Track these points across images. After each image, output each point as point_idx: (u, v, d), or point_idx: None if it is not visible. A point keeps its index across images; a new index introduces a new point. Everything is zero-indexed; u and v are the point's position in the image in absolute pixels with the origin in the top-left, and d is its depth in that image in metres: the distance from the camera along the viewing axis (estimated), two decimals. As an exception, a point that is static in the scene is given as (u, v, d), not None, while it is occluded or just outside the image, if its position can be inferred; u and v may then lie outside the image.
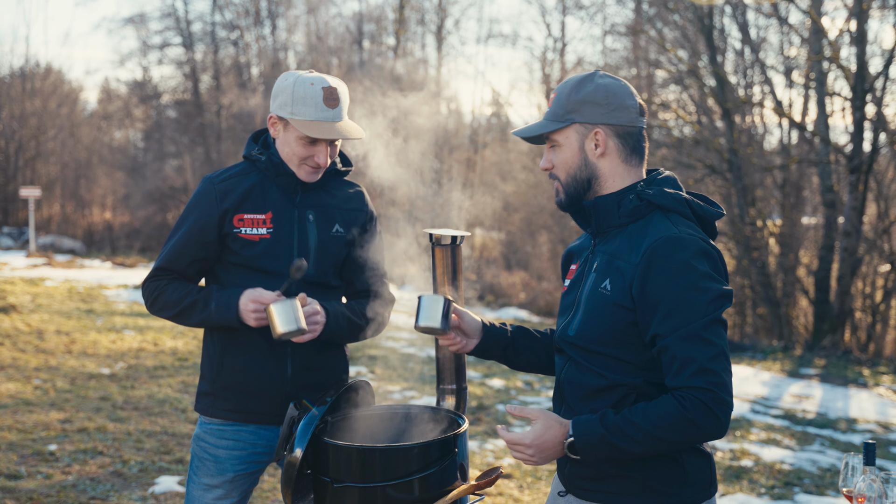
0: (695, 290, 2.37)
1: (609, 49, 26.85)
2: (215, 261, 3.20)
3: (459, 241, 2.95)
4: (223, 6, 32.83)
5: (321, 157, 3.12)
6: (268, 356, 3.17)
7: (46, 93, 33.43)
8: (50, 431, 7.10)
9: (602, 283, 2.49)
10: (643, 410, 2.37)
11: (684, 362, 2.34)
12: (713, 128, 17.45)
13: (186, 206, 3.22)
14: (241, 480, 3.25)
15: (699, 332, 2.35)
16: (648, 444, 2.37)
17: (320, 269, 3.21)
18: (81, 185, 33.48)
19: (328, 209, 3.25)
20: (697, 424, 2.33)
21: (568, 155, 2.55)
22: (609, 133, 2.52)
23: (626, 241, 2.49)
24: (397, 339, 13.11)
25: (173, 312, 3.14)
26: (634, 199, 2.51)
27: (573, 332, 2.54)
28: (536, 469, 6.80)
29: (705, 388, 2.33)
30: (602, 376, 2.49)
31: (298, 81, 3.08)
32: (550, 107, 2.59)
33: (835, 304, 15.73)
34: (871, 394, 11.26)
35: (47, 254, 24.77)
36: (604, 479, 2.52)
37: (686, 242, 2.40)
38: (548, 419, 2.43)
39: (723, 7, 17.51)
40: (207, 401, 3.25)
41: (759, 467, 7.36)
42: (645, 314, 2.40)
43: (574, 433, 2.40)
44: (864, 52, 15.25)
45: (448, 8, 31.05)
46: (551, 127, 2.55)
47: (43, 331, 11.94)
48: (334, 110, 3.09)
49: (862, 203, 15.49)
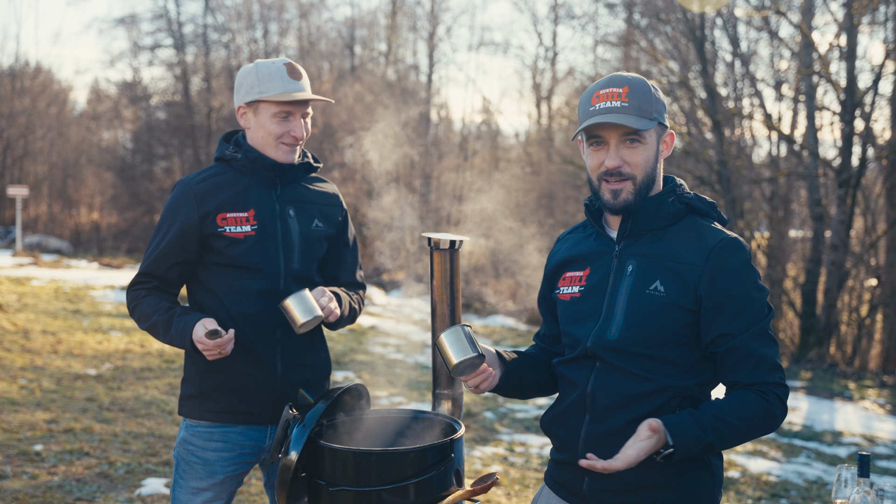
0: (757, 289, 2.46)
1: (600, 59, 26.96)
2: (197, 264, 3.20)
3: (458, 245, 2.95)
4: (215, 9, 32.78)
5: (297, 130, 3.18)
6: (257, 356, 3.17)
7: (36, 92, 33.27)
8: (36, 431, 7.05)
9: (650, 285, 2.47)
10: (729, 407, 2.40)
11: (760, 359, 2.42)
12: (703, 139, 17.51)
13: (164, 211, 3.23)
14: (229, 482, 3.25)
15: (766, 330, 2.44)
16: (734, 440, 2.41)
17: (304, 263, 3.24)
18: (69, 185, 33.33)
19: (306, 204, 3.29)
20: (776, 417, 2.42)
21: (650, 154, 2.51)
22: (674, 136, 2.60)
23: (678, 243, 2.49)
24: (385, 346, 13.08)
25: (145, 327, 3.17)
26: (675, 201, 2.54)
27: (615, 335, 2.48)
28: (524, 476, 6.80)
29: (781, 384, 2.44)
30: (647, 380, 2.45)
31: (259, 64, 3.18)
32: (629, 102, 2.45)
33: (821, 318, 15.79)
34: (856, 407, 11.30)
35: (34, 253, 24.64)
36: (636, 491, 2.47)
37: (741, 244, 2.48)
38: (657, 432, 2.34)
39: (714, 19, 17.59)
40: (194, 403, 3.23)
41: (746, 479, 7.37)
42: (711, 314, 2.43)
43: (675, 442, 2.33)
44: (853, 66, 15.33)
45: (440, 15, 31.09)
46: (649, 125, 2.47)
47: (29, 330, 11.87)
48: (299, 82, 3.17)
49: (850, 217, 15.56)
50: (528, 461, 7.31)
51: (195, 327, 2.97)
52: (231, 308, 3.15)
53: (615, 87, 2.49)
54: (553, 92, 29.95)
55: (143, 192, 32.32)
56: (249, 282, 3.13)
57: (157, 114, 34.83)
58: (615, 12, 24.07)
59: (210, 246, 3.16)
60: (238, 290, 3.15)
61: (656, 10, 18.19)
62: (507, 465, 7.14)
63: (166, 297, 3.20)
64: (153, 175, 33.20)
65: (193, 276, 3.23)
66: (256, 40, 32.52)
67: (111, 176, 34.00)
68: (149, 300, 3.16)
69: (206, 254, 3.17)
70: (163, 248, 3.16)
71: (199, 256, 3.18)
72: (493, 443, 7.84)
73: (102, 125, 36.03)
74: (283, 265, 3.18)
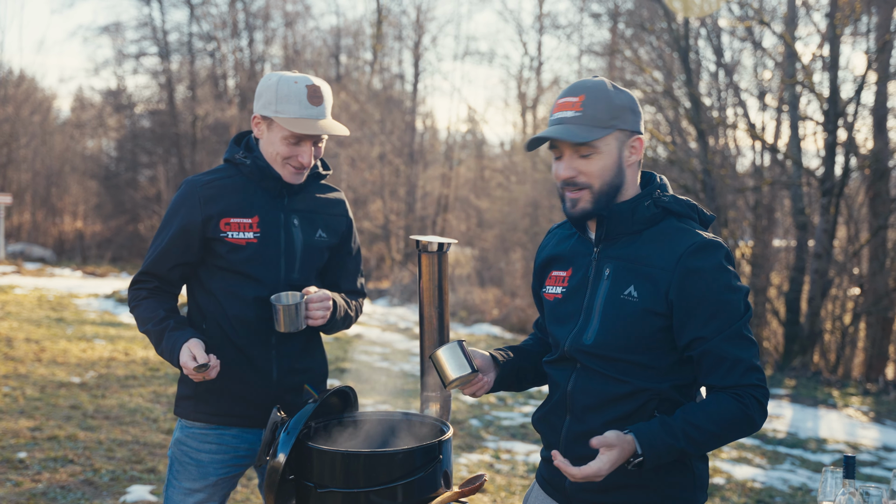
0: (731, 290, 2.42)
1: (585, 69, 27.06)
2: (198, 264, 3.19)
3: (446, 248, 2.96)
4: (200, 17, 32.76)
5: (305, 157, 3.12)
6: (253, 360, 3.16)
7: (19, 100, 33.11)
8: (19, 439, 7.01)
9: (624, 290, 2.47)
10: (703, 412, 2.39)
11: (735, 362, 2.39)
12: (687, 148, 17.59)
13: (168, 208, 3.20)
14: (222, 484, 3.24)
15: (741, 331, 2.41)
16: (709, 444, 2.40)
17: (304, 273, 3.22)
18: (53, 194, 33.16)
19: (311, 214, 3.26)
20: (753, 420, 2.40)
21: (608, 162, 2.48)
22: (642, 140, 2.54)
23: (652, 248, 2.48)
24: (370, 353, 13.07)
25: (141, 331, 3.17)
26: (651, 205, 2.52)
27: (590, 340, 2.49)
28: (510, 483, 6.80)
29: (758, 385, 2.41)
30: (624, 382, 2.47)
31: (282, 80, 3.09)
32: (583, 111, 2.46)
33: (805, 326, 15.87)
34: (840, 414, 11.35)
35: (17, 262, 24.51)
36: (615, 490, 2.50)
37: (716, 245, 2.45)
38: (621, 443, 2.35)
39: (698, 30, 17.70)
40: (189, 404, 3.22)
41: (731, 485, 7.39)
42: (683, 318, 2.42)
43: (643, 450, 2.34)
44: (836, 77, 15.45)
45: (425, 24, 31.14)
46: (600, 134, 2.44)
47: (12, 338, 11.80)
48: (318, 108, 3.09)
49: (833, 226, 15.66)
50: (514, 468, 7.31)
51: (182, 350, 2.96)
52: (228, 311, 3.14)
53: (572, 97, 2.50)
54: (538, 101, 30.05)
55: (127, 200, 32.23)
56: (248, 288, 3.13)
57: (142, 122, 34.78)
58: (600, 22, 24.21)
59: (212, 249, 3.15)
60: (236, 295, 3.14)
61: (641, 21, 18.29)
62: (493, 472, 7.14)
63: (165, 300, 3.19)
64: (137, 183, 33.11)
65: (194, 276, 3.22)
66: (242, 49, 32.53)
67: (95, 184, 33.88)
68: (147, 304, 3.16)
69: (208, 256, 3.16)
70: (164, 247, 3.15)
71: (201, 258, 3.17)
72: (479, 450, 7.84)
73: (86, 133, 35.89)
74: (284, 275, 3.17)
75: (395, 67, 31.57)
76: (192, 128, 31.64)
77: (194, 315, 3.24)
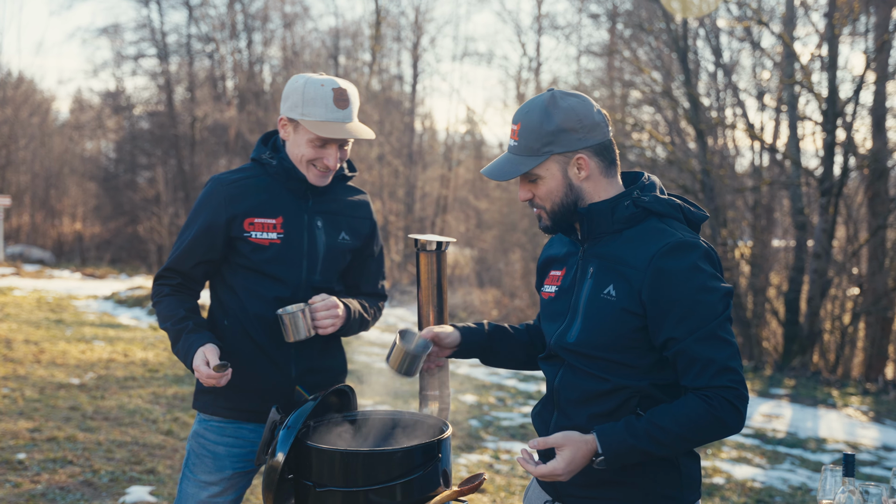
0: (705, 290, 2.39)
1: (584, 69, 27.07)
2: (222, 262, 3.20)
3: (444, 246, 2.96)
4: (199, 19, 32.78)
5: (331, 160, 3.11)
6: (272, 358, 3.17)
7: (18, 102, 33.14)
8: (18, 440, 7.00)
9: (604, 288, 2.48)
10: (669, 413, 2.38)
11: (706, 363, 2.37)
12: (686, 149, 17.60)
13: (194, 206, 3.21)
14: (238, 478, 3.25)
15: (715, 332, 2.38)
16: (676, 445, 2.39)
17: (326, 275, 3.22)
18: (52, 196, 33.18)
19: (335, 216, 3.26)
20: (724, 422, 2.36)
21: (552, 185, 2.51)
22: (590, 155, 2.50)
23: (628, 247, 2.48)
24: (369, 355, 13.07)
25: (160, 327, 3.17)
26: (630, 205, 2.51)
27: (573, 338, 2.52)
28: (510, 483, 6.80)
29: (730, 387, 2.36)
30: (604, 380, 2.48)
31: (309, 83, 3.08)
32: (518, 141, 2.51)
33: (804, 326, 15.87)
34: (839, 414, 11.35)
35: (16, 263, 24.51)
36: (599, 486, 2.51)
37: (690, 246, 2.43)
38: (574, 443, 2.38)
39: (697, 30, 17.71)
40: (208, 398, 3.23)
41: (731, 485, 7.39)
42: (656, 318, 2.41)
43: (603, 450, 2.37)
44: (834, 77, 15.46)
45: (424, 25, 31.16)
46: (530, 164, 2.48)
47: (11, 340, 11.79)
48: (344, 111, 3.08)
49: (832, 226, 15.66)
50: (513, 468, 7.31)
51: (196, 354, 2.96)
52: (249, 309, 3.15)
53: (514, 124, 2.55)
54: (537, 102, 29.97)
55: (126, 202, 32.24)
56: (269, 288, 3.14)
57: (141, 123, 34.80)
58: (599, 23, 24.23)
59: (235, 247, 3.15)
60: (257, 294, 3.15)
61: (640, 21, 18.30)
62: (492, 472, 7.14)
63: (186, 298, 3.19)
64: (136, 185, 33.12)
65: (217, 273, 3.23)
66: (240, 50, 32.55)
67: (94, 186, 33.90)
68: (168, 302, 3.16)
69: (231, 254, 3.17)
70: (188, 244, 3.15)
71: (224, 256, 3.18)
72: (479, 450, 7.84)
73: (85, 135, 35.92)
74: (305, 276, 3.17)
75: (394, 68, 31.61)
76: (190, 129, 31.66)
77: (216, 311, 3.25)
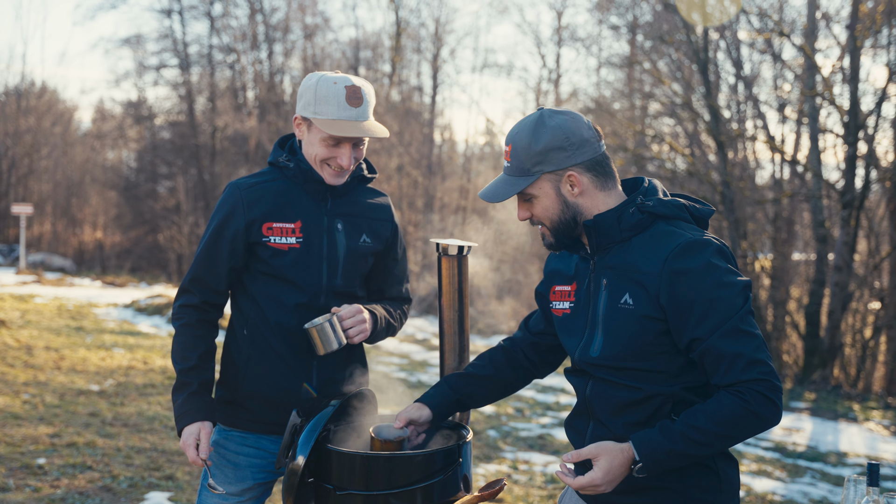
0: (722, 286, 2.38)
1: (604, 80, 27.04)
2: (243, 270, 3.15)
3: (466, 251, 2.95)
4: (220, 30, 32.95)
5: (344, 159, 3.05)
6: (293, 368, 3.12)
7: (41, 111, 33.43)
8: (38, 445, 7.04)
9: (620, 298, 2.47)
10: (704, 413, 2.36)
11: (733, 358, 2.34)
12: (706, 161, 17.53)
13: (213, 213, 3.15)
14: (257, 489, 3.22)
15: (738, 326, 2.36)
16: (715, 444, 2.37)
17: (347, 279, 3.16)
18: (73, 204, 33.41)
19: (356, 218, 3.20)
20: (760, 415, 2.34)
21: (547, 203, 2.53)
22: (581, 171, 2.51)
23: (639, 254, 2.47)
24: (388, 364, 13.07)
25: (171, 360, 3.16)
26: (636, 212, 2.51)
27: (596, 353, 2.51)
28: (528, 494, 6.77)
29: (761, 379, 2.34)
30: (636, 389, 2.48)
31: (322, 81, 3.03)
32: (511, 161, 2.54)
33: (825, 339, 15.75)
34: (861, 428, 11.25)
35: (37, 271, 24.67)
36: (637, 492, 2.49)
37: (702, 244, 2.42)
38: (609, 452, 2.37)
39: (717, 42, 17.66)
40: (228, 410, 3.20)
41: (751, 497, 7.34)
42: (677, 321, 2.40)
43: (640, 457, 2.36)
44: (856, 89, 15.37)
45: (444, 37, 31.21)
46: (522, 185, 2.51)
47: (32, 346, 11.87)
48: (357, 109, 3.01)
49: (853, 239, 15.55)
50: (531, 479, 7.28)
51: (189, 429, 2.95)
52: (270, 318, 3.10)
53: (506, 146, 2.57)
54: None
55: (146, 211, 32.39)
56: (290, 294, 3.08)
57: (162, 133, 34.97)
58: (619, 34, 24.21)
59: (255, 253, 3.10)
60: (278, 301, 3.09)
61: (660, 33, 18.26)
62: (510, 482, 7.11)
63: (203, 336, 3.11)
64: (157, 194, 33.28)
65: (238, 282, 3.18)
66: (261, 61, 32.68)
67: (115, 195, 34.11)
68: (184, 339, 3.09)
69: (251, 260, 3.12)
70: (208, 252, 3.10)
71: (245, 263, 3.13)
72: (497, 460, 7.82)
73: (107, 144, 36.17)
74: (326, 281, 3.12)
75: (414, 80, 31.65)
76: (211, 139, 31.80)
77: (236, 321, 3.20)
